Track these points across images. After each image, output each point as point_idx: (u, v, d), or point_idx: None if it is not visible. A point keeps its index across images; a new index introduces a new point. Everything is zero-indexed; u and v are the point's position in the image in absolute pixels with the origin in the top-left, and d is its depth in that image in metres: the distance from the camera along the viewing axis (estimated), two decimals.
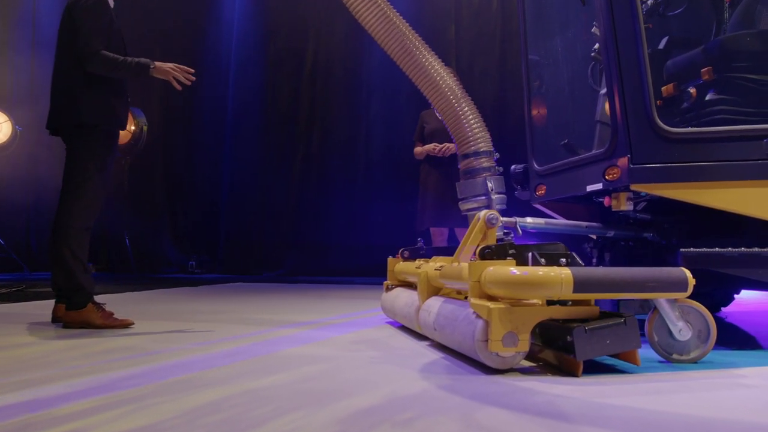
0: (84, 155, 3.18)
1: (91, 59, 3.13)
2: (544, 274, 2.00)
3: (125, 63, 3.19)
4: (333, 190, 8.35)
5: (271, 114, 8.79)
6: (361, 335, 3.02)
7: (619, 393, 1.78)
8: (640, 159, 2.55)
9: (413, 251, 3.47)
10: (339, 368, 2.13)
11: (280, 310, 4.20)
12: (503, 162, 3.05)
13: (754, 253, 2.45)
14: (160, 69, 3.25)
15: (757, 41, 2.94)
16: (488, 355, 2.04)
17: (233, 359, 2.31)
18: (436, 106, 2.96)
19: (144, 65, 3.23)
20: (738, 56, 2.93)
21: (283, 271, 8.34)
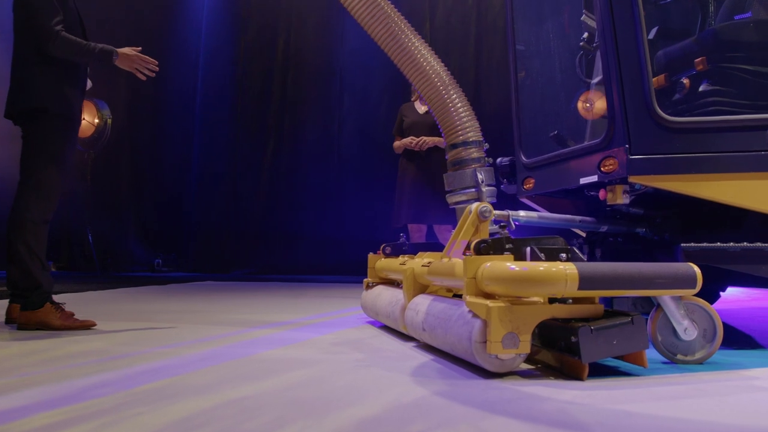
0: (38, 142, 2.97)
1: (51, 41, 2.91)
2: (547, 269, 1.85)
3: (87, 48, 2.99)
4: (305, 185, 8.14)
5: (241, 106, 8.53)
6: (341, 336, 2.85)
7: (632, 398, 1.64)
8: (639, 150, 2.43)
9: (395, 247, 3.30)
10: (325, 374, 1.96)
11: (253, 310, 4.00)
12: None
13: (757, 249, 2.34)
14: (123, 57, 3.06)
15: (752, 30, 2.85)
16: (486, 358, 1.89)
17: (208, 363, 2.11)
18: (423, 92, 2.79)
19: (107, 52, 3.04)
20: (733, 46, 2.83)
21: (253, 269, 8.10)
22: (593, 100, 3.58)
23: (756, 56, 2.80)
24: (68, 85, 3.05)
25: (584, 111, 3.61)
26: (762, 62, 2.79)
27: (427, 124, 4.95)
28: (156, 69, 3.13)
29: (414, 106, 5.13)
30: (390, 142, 5.49)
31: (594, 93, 3.59)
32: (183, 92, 8.68)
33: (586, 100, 3.63)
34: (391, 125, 7.56)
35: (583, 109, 3.62)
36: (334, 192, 8.02)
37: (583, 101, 3.64)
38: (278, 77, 8.40)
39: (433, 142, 4.89)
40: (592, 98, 3.59)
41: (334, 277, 7.52)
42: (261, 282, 7.12)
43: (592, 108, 3.59)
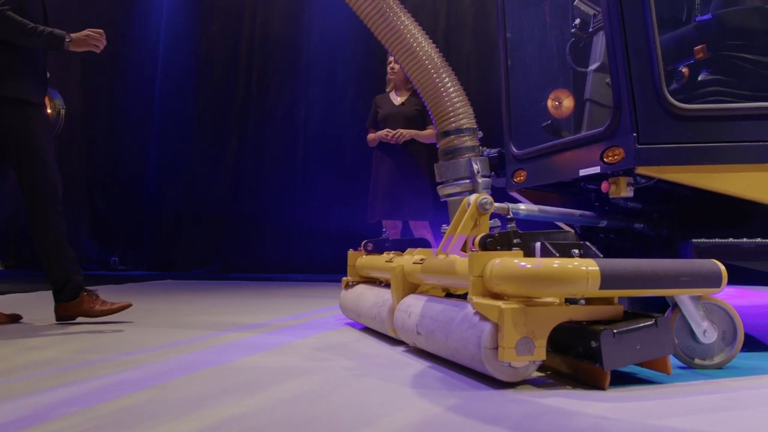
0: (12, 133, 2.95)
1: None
2: (567, 267, 1.66)
3: (34, 30, 2.90)
4: (271, 180, 7.82)
5: (204, 97, 8.15)
6: (322, 340, 2.62)
7: (668, 412, 1.46)
8: (648, 138, 2.26)
9: (378, 243, 3.08)
10: (316, 386, 1.73)
11: (220, 311, 3.73)
12: None
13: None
14: (77, 41, 2.98)
15: (756, 17, 2.72)
16: (498, 366, 1.69)
17: (181, 373, 1.86)
18: (412, 75, 2.58)
19: (58, 37, 2.94)
20: (736, 33, 2.70)
21: (216, 267, 7.77)
22: (561, 98, 3.43)
23: (759, 44, 2.67)
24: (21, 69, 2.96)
25: (553, 109, 3.46)
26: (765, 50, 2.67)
27: (403, 115, 4.75)
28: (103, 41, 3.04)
29: (389, 97, 4.91)
30: (362, 134, 5.26)
31: (562, 91, 3.44)
32: (142, 82, 8.26)
33: (555, 99, 3.48)
34: (359, 116, 7.35)
35: (552, 108, 3.47)
36: (301, 187, 7.74)
37: (552, 99, 3.49)
38: (243, 67, 8.05)
39: (409, 134, 4.68)
40: (560, 96, 3.44)
41: (303, 275, 7.25)
42: (225, 281, 6.81)
43: (560, 106, 3.44)
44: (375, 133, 4.82)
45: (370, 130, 4.92)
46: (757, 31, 2.71)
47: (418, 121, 4.77)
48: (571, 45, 3.27)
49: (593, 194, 3.14)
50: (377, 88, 7.15)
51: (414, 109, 4.77)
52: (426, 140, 4.77)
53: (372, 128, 4.91)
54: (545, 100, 3.47)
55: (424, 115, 4.79)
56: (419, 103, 4.80)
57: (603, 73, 2.79)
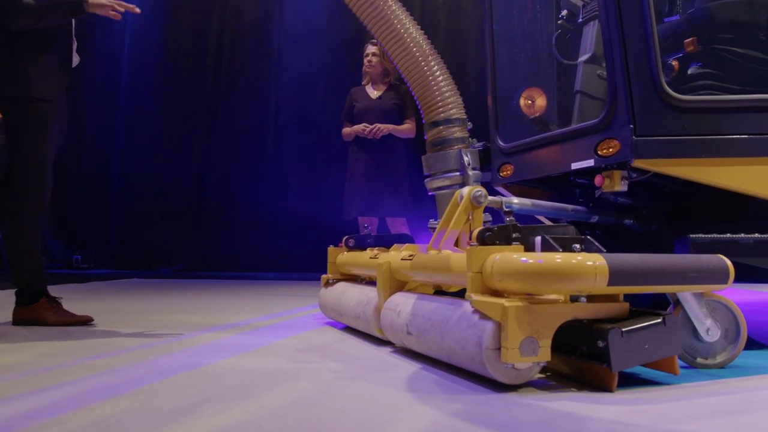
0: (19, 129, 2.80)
1: (12, 14, 2.61)
2: (575, 262, 1.56)
3: (52, 6, 2.69)
4: (240, 175, 7.58)
5: (171, 89, 7.87)
6: (303, 340, 2.49)
7: (684, 415, 1.37)
8: (646, 130, 2.18)
9: (359, 239, 2.96)
10: (305, 392, 1.60)
11: (191, 311, 3.56)
12: None
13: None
14: (95, 4, 2.78)
15: (748, 9, 2.68)
16: (500, 368, 1.58)
17: (155, 378, 1.71)
18: (399, 63, 2.47)
19: (74, 3, 2.74)
20: (728, 26, 2.65)
21: (184, 265, 7.53)
22: (534, 96, 3.36)
23: (752, 37, 2.63)
24: (46, 65, 2.79)
25: (526, 108, 3.39)
26: (758, 43, 2.62)
27: (380, 109, 4.63)
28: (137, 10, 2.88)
29: (366, 90, 4.78)
30: (335, 128, 5.11)
31: (534, 89, 3.37)
32: (106, 72, 7.96)
33: (527, 97, 3.41)
34: (331, 109, 7.19)
35: (524, 106, 3.40)
36: (273, 183, 7.53)
37: (525, 98, 3.41)
38: (212, 57, 7.79)
39: (387, 129, 4.57)
40: (533, 95, 3.37)
41: (275, 273, 7.08)
42: (193, 279, 6.60)
43: (533, 105, 3.37)
44: (351, 128, 4.69)
45: (345, 124, 4.79)
46: (747, 24, 2.67)
47: (396, 116, 4.66)
48: (558, 37, 3.19)
49: (578, 190, 3.07)
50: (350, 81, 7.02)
51: (391, 103, 4.66)
52: (403, 135, 4.66)
53: (347, 122, 4.78)
54: (517, 98, 3.39)
55: (402, 110, 4.68)
56: (396, 97, 4.69)
57: (594, 64, 2.72)
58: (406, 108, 4.70)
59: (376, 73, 4.71)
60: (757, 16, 2.67)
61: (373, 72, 4.71)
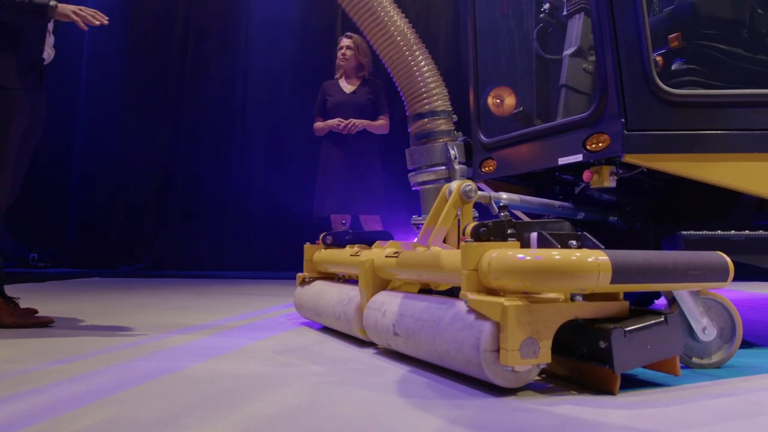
0: None
1: None
2: (578, 259, 1.49)
3: (14, 3, 2.54)
4: (205, 171, 7.35)
5: (134, 80, 7.58)
6: (280, 342, 2.37)
7: (695, 419, 1.31)
8: (637, 124, 2.13)
9: (337, 236, 2.85)
10: (292, 399, 1.49)
11: (158, 311, 3.40)
12: None
13: (762, 237, 2.11)
14: (62, 12, 2.65)
15: (731, 5, 2.66)
16: (499, 371, 1.50)
17: (127, 385, 1.58)
18: (383, 52, 2.37)
19: (41, 5, 2.59)
20: (712, 22, 2.62)
21: (146, 263, 7.29)
22: (503, 95, 3.31)
23: (736, 32, 2.60)
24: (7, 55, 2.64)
25: (494, 107, 3.33)
26: (742, 39, 2.60)
27: (355, 104, 4.52)
28: (105, 22, 2.79)
29: (339, 84, 4.66)
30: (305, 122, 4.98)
31: (503, 88, 3.32)
32: (65, 63, 7.62)
33: (496, 96, 3.35)
34: (300, 103, 7.03)
35: (492, 106, 3.35)
36: (239, 179, 7.33)
37: (493, 97, 3.36)
38: (177, 48, 7.53)
39: (362, 125, 4.46)
40: (501, 94, 3.32)
41: (242, 272, 6.90)
42: (157, 278, 6.39)
43: (502, 104, 3.32)
44: (324, 122, 4.56)
45: (317, 119, 4.65)
46: (730, 20, 2.65)
47: (370, 111, 4.55)
48: (539, 31, 3.13)
49: (558, 186, 3.02)
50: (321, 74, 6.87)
51: (366, 98, 4.55)
52: (378, 131, 4.56)
53: (319, 116, 4.65)
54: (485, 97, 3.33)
55: (376, 105, 4.58)
56: (371, 92, 4.58)
57: (579, 58, 2.66)
58: (380, 103, 4.60)
59: (350, 67, 4.60)
60: (741, 11, 2.66)
61: (347, 65, 4.59)
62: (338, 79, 4.69)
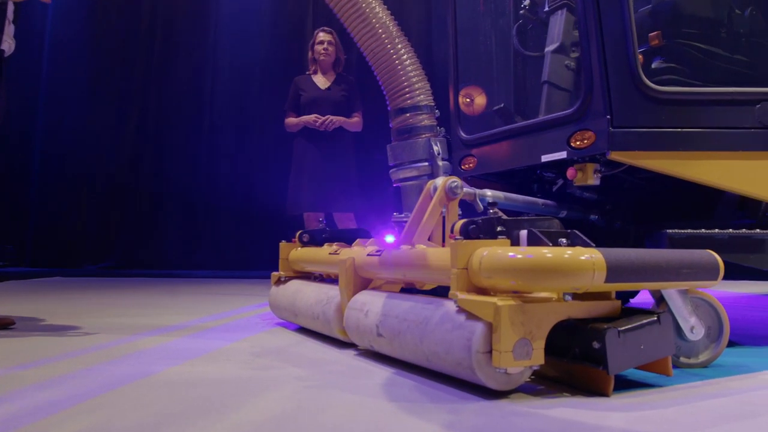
0: None
1: None
2: (572, 258, 1.45)
3: None
4: (173, 165, 7.15)
5: (98, 72, 7.33)
6: (257, 343, 2.29)
7: (695, 421, 1.28)
8: (623, 122, 2.11)
9: (314, 234, 2.78)
10: (276, 404, 1.42)
11: (126, 312, 3.28)
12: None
13: (745, 236, 2.11)
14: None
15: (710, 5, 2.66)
16: (492, 373, 1.45)
17: (98, 391, 1.48)
18: (364, 45, 2.31)
19: None
20: (692, 21, 2.62)
21: (111, 262, 7.09)
22: (473, 95, 3.28)
23: (716, 32, 2.61)
24: None
25: (464, 106, 3.31)
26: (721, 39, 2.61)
27: (330, 100, 4.44)
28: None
29: (313, 79, 4.57)
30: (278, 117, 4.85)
31: (473, 88, 3.29)
32: (25, 52, 7.34)
33: (466, 95, 3.33)
34: (271, 98, 6.89)
35: (462, 104, 3.32)
36: (208, 174, 7.14)
37: (463, 96, 3.33)
38: (143, 39, 7.31)
39: (339, 122, 4.38)
40: (471, 93, 3.29)
41: (211, 271, 6.75)
42: (123, 277, 6.21)
43: (472, 104, 3.29)
44: (298, 118, 4.47)
45: (290, 114, 4.55)
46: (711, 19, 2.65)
47: (345, 108, 4.48)
48: (519, 27, 3.10)
49: (536, 185, 3.00)
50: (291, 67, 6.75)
51: (341, 95, 4.47)
52: (353, 128, 4.49)
53: (292, 112, 4.55)
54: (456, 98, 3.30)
55: (351, 101, 4.51)
56: (346, 89, 4.51)
57: (562, 54, 2.63)
58: (354, 100, 4.53)
59: (328, 63, 4.52)
60: (720, 10, 2.66)
61: (327, 61, 4.51)
62: (311, 75, 4.60)
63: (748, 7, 2.53)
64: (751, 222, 2.25)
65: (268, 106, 6.89)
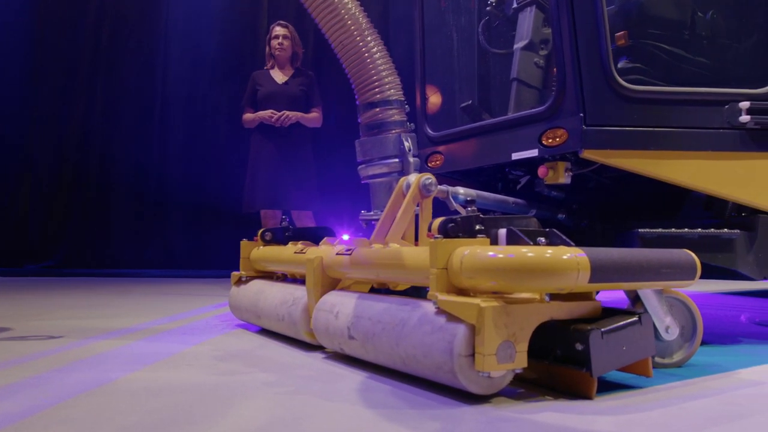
0: None
1: None
2: (557, 257, 1.40)
3: None
4: (123, 156, 6.83)
5: (42, 64, 6.97)
6: (219, 347, 2.18)
7: (684, 424, 1.25)
8: (596, 120, 2.09)
9: (277, 233, 2.68)
10: (248, 414, 1.33)
11: (75, 314, 3.11)
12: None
13: (714, 235, 2.12)
14: None
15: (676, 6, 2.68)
16: (474, 377, 1.39)
17: (50, 402, 1.36)
18: (332, 37, 2.23)
19: None
20: (658, 22, 2.63)
21: (54, 261, 6.77)
22: (428, 94, 3.26)
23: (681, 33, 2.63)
24: None
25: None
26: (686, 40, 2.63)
27: (287, 95, 4.33)
28: None
29: (271, 74, 4.45)
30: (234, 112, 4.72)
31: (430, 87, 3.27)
32: None
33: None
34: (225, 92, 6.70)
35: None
36: (158, 170, 6.89)
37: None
38: (90, 30, 6.97)
39: (296, 117, 4.27)
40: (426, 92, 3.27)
41: (161, 271, 6.52)
42: (68, 277, 5.95)
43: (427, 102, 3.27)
44: (255, 114, 4.35)
45: (247, 110, 4.43)
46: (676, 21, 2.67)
47: (303, 103, 4.38)
48: (485, 24, 3.07)
49: (501, 183, 2.98)
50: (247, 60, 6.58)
51: (299, 89, 4.37)
52: (311, 124, 4.39)
53: (249, 108, 4.42)
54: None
55: (309, 96, 4.41)
56: (304, 83, 4.42)
57: (531, 51, 2.61)
58: (313, 95, 4.43)
59: (284, 57, 4.41)
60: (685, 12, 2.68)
61: (284, 56, 4.40)
62: (269, 69, 4.49)
63: (713, 9, 2.55)
64: (717, 222, 2.27)
65: (221, 101, 6.71)
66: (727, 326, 2.80)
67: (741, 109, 2.14)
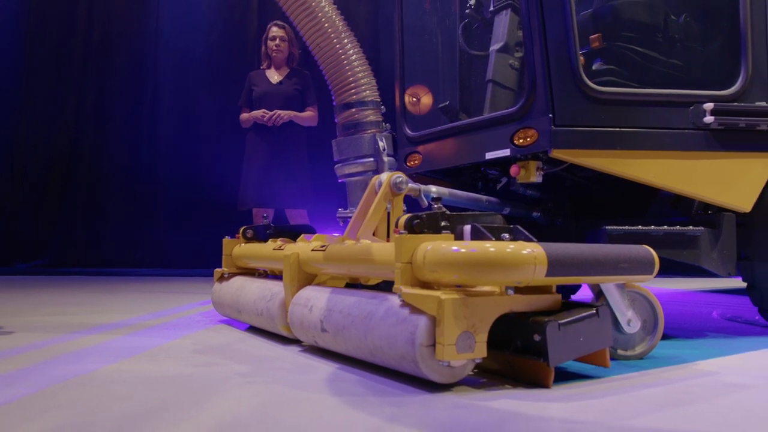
0: None
1: None
2: (514, 252, 1.47)
3: None
4: (114, 156, 6.90)
5: (32, 62, 7.02)
6: (199, 340, 2.24)
7: (632, 410, 1.32)
8: (564, 121, 2.15)
9: (258, 230, 2.74)
10: (220, 402, 1.39)
11: (61, 311, 3.16)
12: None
13: (679, 232, 2.19)
14: None
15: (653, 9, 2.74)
16: (435, 366, 1.46)
17: (28, 389, 1.42)
18: (310, 40, 2.29)
19: None
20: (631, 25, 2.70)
21: (45, 260, 6.81)
22: (419, 94, 3.32)
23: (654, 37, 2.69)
24: None
25: (411, 106, 3.34)
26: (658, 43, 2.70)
27: (281, 94, 4.39)
28: None
29: (266, 74, 4.51)
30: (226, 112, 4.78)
31: (420, 87, 3.33)
32: None
33: (412, 95, 3.36)
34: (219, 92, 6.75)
35: (409, 104, 3.36)
36: (149, 169, 6.94)
37: (410, 95, 3.37)
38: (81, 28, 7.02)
39: (288, 116, 4.33)
40: (418, 93, 3.33)
41: (152, 270, 6.57)
42: (58, 276, 5.99)
43: (418, 102, 3.33)
44: (249, 113, 4.41)
45: (244, 110, 4.49)
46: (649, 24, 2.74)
47: (297, 102, 4.44)
48: (464, 27, 3.13)
49: (480, 183, 3.04)
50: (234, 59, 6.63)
51: (293, 89, 4.43)
52: (305, 123, 4.45)
53: (245, 107, 4.49)
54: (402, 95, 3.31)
55: (304, 96, 4.47)
56: (299, 83, 4.47)
57: (506, 53, 2.67)
58: (308, 95, 4.49)
59: (281, 58, 4.46)
60: (658, 16, 2.75)
61: (280, 56, 4.45)
62: (264, 69, 4.55)
63: (683, 13, 2.62)
64: (684, 219, 2.34)
65: (211, 100, 6.76)
66: (697, 322, 2.87)
67: (705, 110, 2.21)
